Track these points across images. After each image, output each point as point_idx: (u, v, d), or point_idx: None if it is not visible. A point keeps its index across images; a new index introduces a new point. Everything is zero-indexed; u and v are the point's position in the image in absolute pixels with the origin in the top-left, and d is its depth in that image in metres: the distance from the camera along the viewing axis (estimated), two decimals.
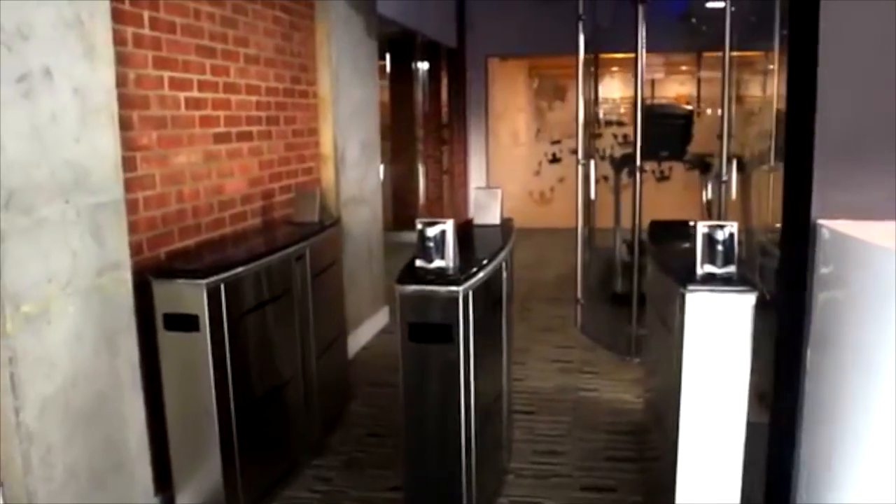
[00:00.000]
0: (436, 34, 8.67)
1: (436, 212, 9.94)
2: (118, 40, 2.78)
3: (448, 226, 2.71)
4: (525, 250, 9.59)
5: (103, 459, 2.59)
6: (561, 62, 11.78)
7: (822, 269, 2.10)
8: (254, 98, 3.99)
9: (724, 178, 4.15)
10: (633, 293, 5.44)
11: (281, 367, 3.40)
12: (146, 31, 3.03)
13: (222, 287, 2.84)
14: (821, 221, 2.09)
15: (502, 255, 3.19)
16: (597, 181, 6.55)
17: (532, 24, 9.93)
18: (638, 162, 5.32)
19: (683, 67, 12.19)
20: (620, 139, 10.84)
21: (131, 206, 2.88)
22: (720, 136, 11.09)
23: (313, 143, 4.86)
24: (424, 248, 2.71)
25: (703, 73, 11.72)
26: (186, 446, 2.90)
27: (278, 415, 3.39)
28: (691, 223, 4.24)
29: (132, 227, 2.85)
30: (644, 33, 5.14)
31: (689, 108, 7.11)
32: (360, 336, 5.47)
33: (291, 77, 4.48)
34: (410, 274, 2.67)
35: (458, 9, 10.07)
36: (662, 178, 10.48)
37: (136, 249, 2.90)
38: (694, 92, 11.61)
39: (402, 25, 7.16)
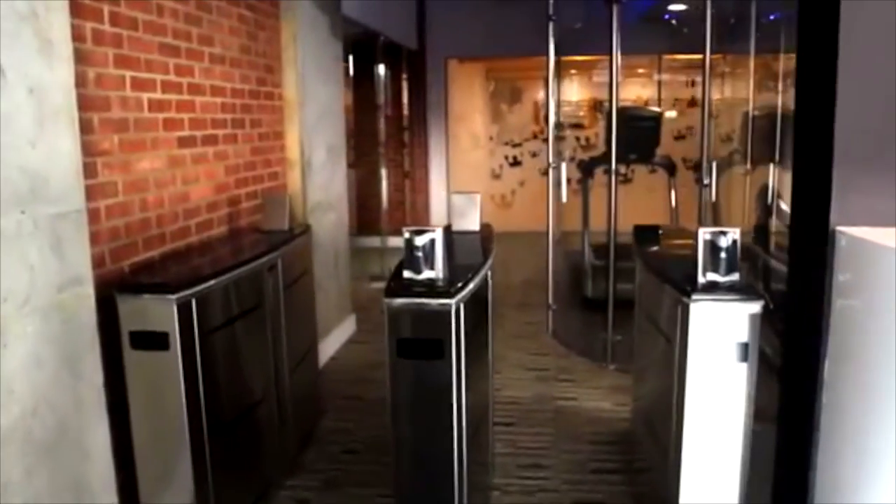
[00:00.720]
0: (397, 35, 8.50)
1: (398, 217, 9.77)
2: (76, 37, 2.57)
3: (438, 234, 2.56)
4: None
5: (67, 492, 2.37)
6: (518, 65, 11.74)
7: (841, 277, 2.01)
8: (219, 100, 3.78)
9: (707, 181, 4.08)
10: (609, 298, 5.35)
11: (254, 384, 3.21)
12: (106, 26, 2.81)
13: (193, 302, 2.64)
14: (839, 228, 2.00)
15: (488, 263, 3.05)
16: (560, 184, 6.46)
17: (493, 26, 9.84)
18: (613, 165, 5.23)
19: (641, 70, 12.23)
20: (583, 142, 10.83)
21: (92, 216, 2.66)
22: (677, 139, 11.11)
23: (279, 147, 4.66)
24: (413, 258, 2.55)
25: (663, 76, 11.79)
26: (156, 472, 2.69)
27: (252, 435, 3.19)
28: (670, 227, 4.20)
29: (93, 239, 2.63)
30: (617, 34, 5.06)
31: (658, 110, 7.06)
32: (328, 346, 5.29)
33: (257, 78, 4.28)
34: (399, 286, 2.51)
35: (418, 10, 9.92)
36: (625, 180, 10.47)
37: (97, 262, 2.68)
38: (652, 94, 11.65)
39: (365, 26, 6.97)
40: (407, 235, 2.56)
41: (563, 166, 6.06)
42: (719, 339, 2.43)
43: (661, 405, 2.89)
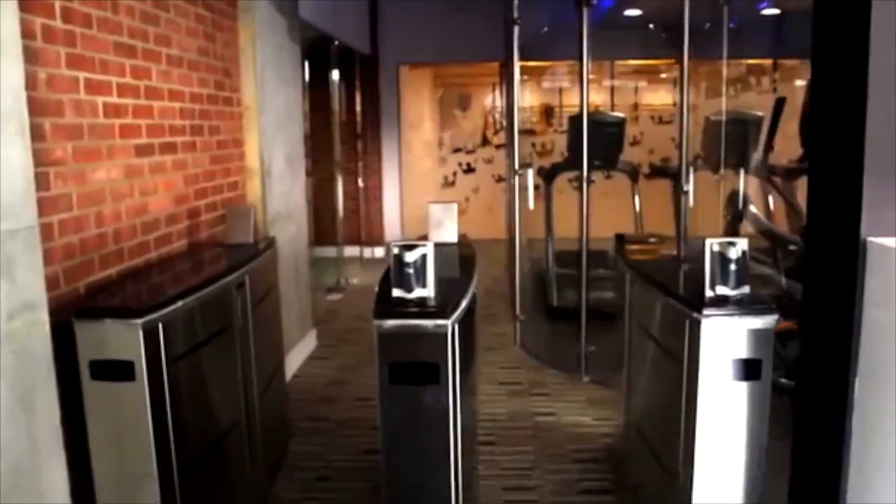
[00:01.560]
0: (351, 40, 8.28)
1: (352, 226, 9.54)
2: (25, 33, 2.31)
3: (429, 249, 2.37)
4: None
5: None
6: (465, 71, 11.62)
7: (872, 289, 1.89)
8: (177, 105, 3.53)
9: (686, 187, 3.99)
10: (581, 308, 5.23)
11: (224, 413, 2.96)
12: (58, 23, 2.55)
13: (160, 327, 2.40)
14: (871, 238, 1.88)
15: (475, 278, 2.88)
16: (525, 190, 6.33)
17: (446, 32, 9.71)
18: (585, 171, 5.11)
19: (591, 76, 12.22)
20: (539, 148, 10.75)
21: (45, 232, 2.40)
22: (632, 144, 11.07)
23: (238, 156, 4.41)
24: (403, 275, 2.36)
25: (615, 82, 11.81)
26: None
27: (222, 468, 2.94)
28: (654, 237, 4.09)
29: (46, 258, 2.37)
30: (588, 38, 4.95)
31: (622, 116, 7.00)
32: (290, 364, 5.03)
33: (215, 82, 4.03)
34: (389, 306, 2.31)
35: (371, 14, 9.71)
36: (580, 186, 10.42)
37: (51, 284, 2.42)
38: (603, 100, 11.65)
39: (319, 30, 6.73)
40: (396, 251, 2.37)
41: (530, 173, 5.91)
42: (732, 356, 2.30)
43: (661, 422, 2.75)
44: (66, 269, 2.57)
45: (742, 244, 2.37)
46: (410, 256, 2.34)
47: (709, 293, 2.39)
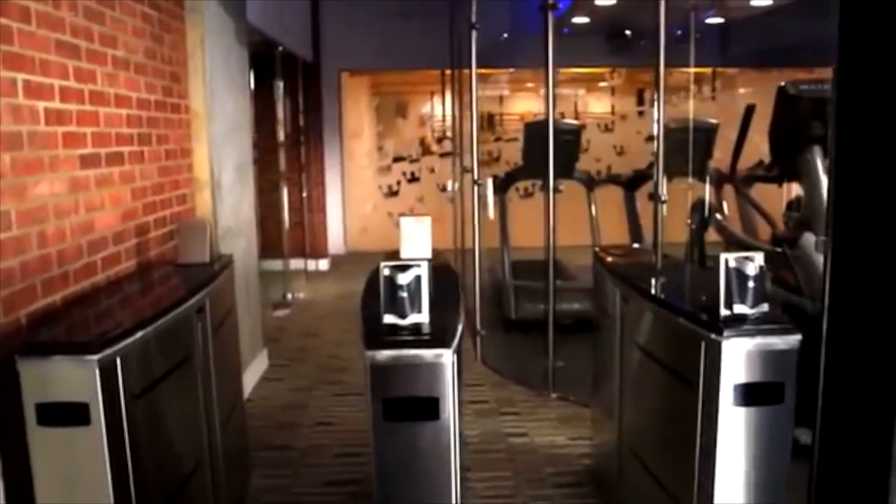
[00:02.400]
0: (294, 46, 7.98)
1: (297, 238, 9.20)
2: None
3: (423, 269, 2.15)
4: None
5: None
6: (404, 79, 11.41)
7: None
8: (124, 111, 3.22)
9: (664, 197, 3.87)
10: (549, 322, 5.07)
11: (186, 452, 2.67)
12: None
13: (118, 362, 2.11)
14: None
15: (461, 298, 2.67)
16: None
17: (389, 39, 9.50)
18: (551, 180, 4.96)
19: (529, 84, 12.21)
20: (485, 156, 10.60)
21: None
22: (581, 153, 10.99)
23: (187, 167, 4.10)
24: (395, 299, 2.13)
25: (557, 91, 11.76)
26: None
27: None
28: (637, 247, 3.97)
29: None
30: (553, 44, 4.82)
31: (578, 123, 6.90)
32: (244, 387, 4.71)
33: (163, 87, 3.72)
34: (383, 335, 2.08)
35: (313, 19, 9.42)
36: (526, 195, 10.35)
37: None
38: (537, 108, 11.58)
39: (264, 35, 6.43)
40: (386, 272, 2.14)
41: (490, 182, 5.73)
42: (752, 379, 2.15)
43: (665, 446, 2.58)
44: (5, 297, 2.26)
45: (759, 259, 2.23)
46: (403, 278, 2.11)
47: (724, 312, 2.23)
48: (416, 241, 3.36)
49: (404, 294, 2.11)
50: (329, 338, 6.37)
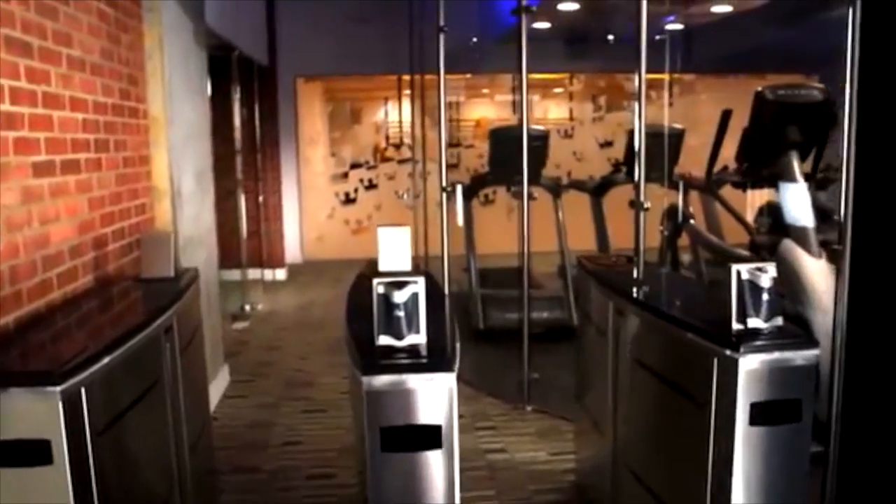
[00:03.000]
0: (250, 50, 7.74)
1: (254, 247, 8.92)
2: None
3: (420, 286, 1.99)
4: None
5: None
6: (357, 85, 11.22)
7: None
8: (80, 115, 2.99)
9: (648, 205, 3.76)
10: (524, 333, 4.94)
11: (157, 485, 2.46)
12: None
13: (83, 393, 1.90)
14: None
15: (453, 314, 2.52)
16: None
17: (346, 43, 9.31)
18: (525, 186, 4.83)
19: (485, 91, 12.14)
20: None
21: None
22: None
23: (145, 174, 3.86)
24: (391, 318, 1.96)
25: (500, 97, 11.72)
26: None
27: None
28: (616, 257, 3.85)
29: None
30: (525, 48, 4.70)
31: (545, 129, 6.79)
32: None
33: (120, 90, 3.49)
34: (379, 358, 1.91)
35: (269, 23, 9.17)
36: (487, 201, 10.25)
37: None
38: (493, 114, 11.52)
39: (221, 38, 6.18)
40: (381, 290, 1.97)
41: (459, 189, 5.58)
42: (771, 396, 2.03)
43: (670, 466, 2.46)
44: None
45: (772, 270, 2.12)
46: (400, 296, 1.94)
47: (736, 326, 2.12)
48: (395, 252, 3.18)
49: (400, 313, 1.94)
50: (292, 351, 6.15)
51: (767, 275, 2.10)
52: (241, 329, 6.92)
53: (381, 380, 1.86)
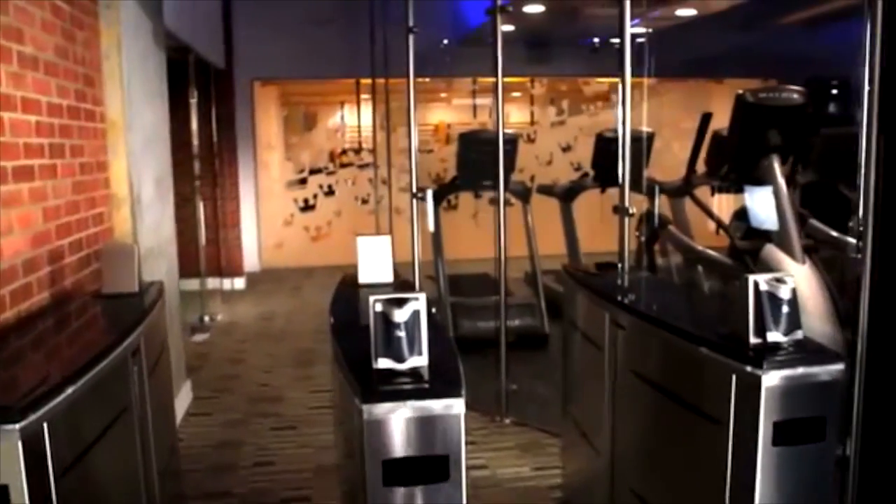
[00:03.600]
0: (206, 52, 7.46)
1: (212, 255, 8.64)
2: None
3: (422, 303, 1.82)
4: (313, 293, 8.65)
5: None
6: (313, 89, 10.99)
7: None
8: (33, 118, 2.75)
9: (632, 210, 3.65)
10: (501, 342, 4.79)
11: None
12: None
13: (45, 429, 1.68)
14: None
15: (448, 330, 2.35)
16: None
17: (303, 47, 9.10)
18: (501, 192, 4.69)
19: (443, 95, 12.01)
20: (404, 168, 10.30)
21: None
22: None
23: (103, 182, 3.62)
24: (391, 339, 1.78)
25: (458, 101, 11.60)
26: None
27: None
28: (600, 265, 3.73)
29: None
30: (500, 49, 4.57)
31: (514, 132, 6.67)
32: None
33: (76, 92, 3.25)
34: (379, 384, 1.73)
35: (225, 25, 8.89)
36: (450, 206, 10.10)
37: None
38: (452, 118, 11.39)
39: (178, 39, 5.92)
40: (379, 307, 1.79)
41: (430, 193, 5.40)
42: (795, 414, 1.91)
43: (680, 488, 2.33)
44: None
45: (790, 281, 2.00)
46: (400, 315, 1.77)
47: (754, 340, 2.00)
48: (376, 262, 3.03)
49: (401, 333, 1.77)
50: (256, 364, 5.92)
51: (787, 286, 1.98)
52: (201, 341, 6.65)
53: (383, 408, 1.68)
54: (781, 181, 4.14)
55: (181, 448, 4.10)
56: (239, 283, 9.24)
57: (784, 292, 1.97)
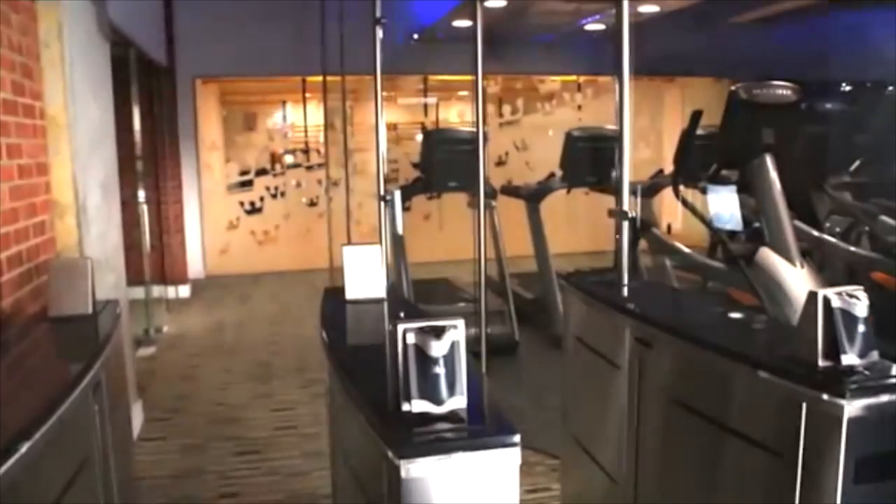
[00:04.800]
0: (148, 47, 6.97)
1: (154, 262, 8.13)
2: None
3: (460, 331, 1.52)
4: (263, 302, 8.23)
5: None
6: (254, 88, 10.53)
7: None
8: None
9: (633, 214, 3.42)
10: (482, 353, 4.50)
11: None
12: None
13: None
14: None
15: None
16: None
17: (249, 44, 8.68)
18: (482, 195, 4.40)
19: (387, 94, 11.65)
20: (351, 169, 9.93)
21: None
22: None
23: (44, 186, 3.20)
24: (427, 377, 1.48)
25: (403, 100, 11.28)
26: None
27: None
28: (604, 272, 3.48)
29: None
30: (482, 47, 4.29)
31: (486, 130, 6.39)
32: None
33: (13, 83, 2.84)
34: (415, 432, 1.42)
35: (166, 19, 8.38)
36: (404, 209, 9.76)
37: None
38: (399, 118, 11.07)
39: (118, 31, 5.45)
40: (412, 338, 1.48)
41: (397, 195, 5.08)
42: (879, 448, 1.68)
43: None
44: None
45: (865, 296, 1.76)
46: (439, 347, 1.46)
47: (823, 363, 1.76)
48: (365, 275, 2.70)
49: (439, 370, 1.47)
50: (210, 381, 5.51)
51: (863, 302, 1.74)
52: (147, 356, 6.19)
53: (426, 463, 1.37)
54: (776, 181, 3.96)
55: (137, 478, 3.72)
56: (184, 290, 8.75)
57: (860, 309, 1.73)
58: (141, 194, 7.04)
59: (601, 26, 8.77)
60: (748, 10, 8.54)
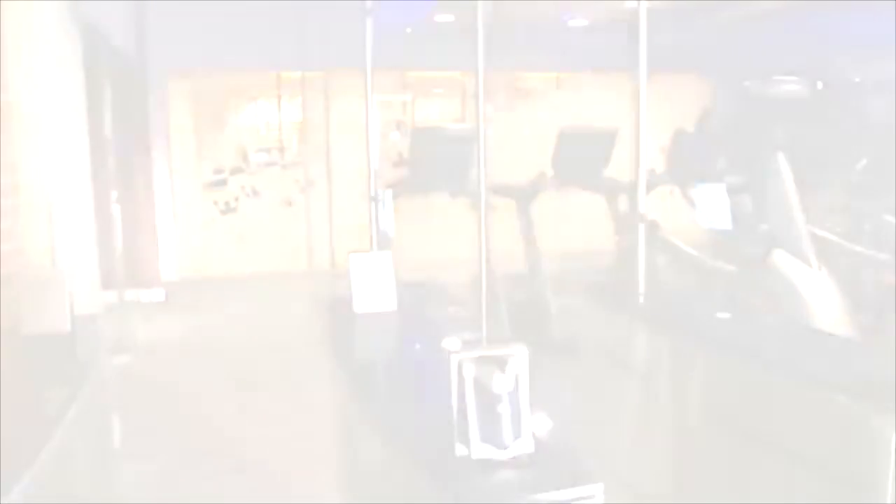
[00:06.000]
0: (118, 40, 6.64)
1: (126, 264, 7.77)
2: None
3: (523, 360, 1.27)
4: (240, 306, 7.90)
5: None
6: (231, 83, 10.19)
7: None
8: None
9: (649, 217, 3.21)
10: None
11: None
12: None
13: None
14: None
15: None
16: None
17: (227, 35, 8.38)
18: (482, 194, 4.16)
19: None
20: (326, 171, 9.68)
21: None
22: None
23: (10, 188, 2.89)
24: (489, 416, 1.23)
25: (378, 97, 10.97)
26: None
27: None
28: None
29: None
30: (482, 41, 4.04)
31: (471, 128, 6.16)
32: None
33: None
34: (486, 485, 1.18)
35: (137, 12, 8.03)
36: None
37: None
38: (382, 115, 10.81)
39: (88, 23, 5.12)
40: (472, 371, 1.24)
41: (390, 195, 4.82)
42: None
43: None
44: None
45: None
46: (502, 383, 1.22)
47: None
48: (374, 286, 2.46)
49: (504, 409, 1.22)
50: (193, 391, 5.19)
51: None
52: (119, 364, 5.84)
53: None
54: (790, 181, 3.79)
55: None
56: (157, 294, 8.38)
57: None
58: (112, 195, 6.69)
59: (585, 22, 8.59)
60: (728, 9, 8.46)
